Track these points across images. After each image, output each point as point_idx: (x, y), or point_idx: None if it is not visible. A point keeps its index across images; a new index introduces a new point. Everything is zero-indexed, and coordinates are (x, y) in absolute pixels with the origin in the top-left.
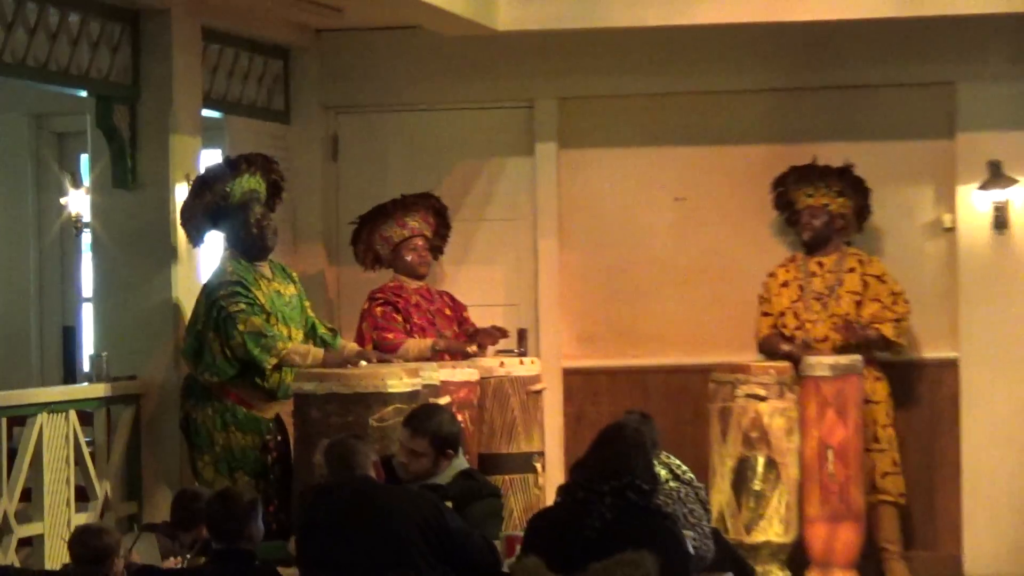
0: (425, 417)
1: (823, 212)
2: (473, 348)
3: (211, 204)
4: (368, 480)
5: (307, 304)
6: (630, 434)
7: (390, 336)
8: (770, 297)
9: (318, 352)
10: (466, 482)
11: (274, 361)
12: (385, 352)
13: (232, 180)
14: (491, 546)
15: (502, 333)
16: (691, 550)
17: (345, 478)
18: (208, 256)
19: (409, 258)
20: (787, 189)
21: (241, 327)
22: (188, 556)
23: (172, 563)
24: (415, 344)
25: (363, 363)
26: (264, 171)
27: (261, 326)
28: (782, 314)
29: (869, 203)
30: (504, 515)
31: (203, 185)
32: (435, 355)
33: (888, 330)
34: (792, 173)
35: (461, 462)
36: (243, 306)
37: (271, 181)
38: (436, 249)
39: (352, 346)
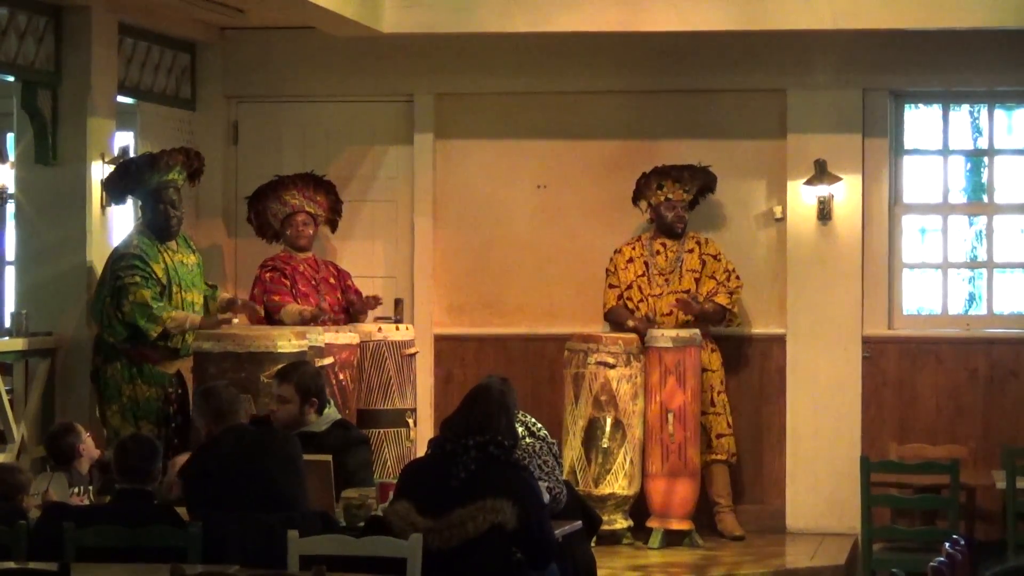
0: (292, 368)
1: (686, 205)
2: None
3: (129, 186)
4: (242, 428)
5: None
6: (495, 395)
7: (276, 298)
8: (616, 271)
9: (195, 318)
10: (340, 431)
11: (159, 330)
12: (272, 310)
13: (151, 173)
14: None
15: (377, 301)
16: (545, 498)
17: (224, 428)
18: (119, 226)
19: (289, 232)
20: (661, 182)
21: (131, 298)
22: (89, 492)
23: (76, 500)
24: (295, 307)
25: (234, 320)
26: (185, 164)
27: (148, 299)
28: (628, 287)
29: (710, 191)
30: (375, 462)
31: (125, 171)
32: (312, 320)
33: (722, 298)
34: (672, 170)
35: (334, 413)
36: (137, 279)
37: (192, 170)
38: (332, 223)
39: (224, 295)
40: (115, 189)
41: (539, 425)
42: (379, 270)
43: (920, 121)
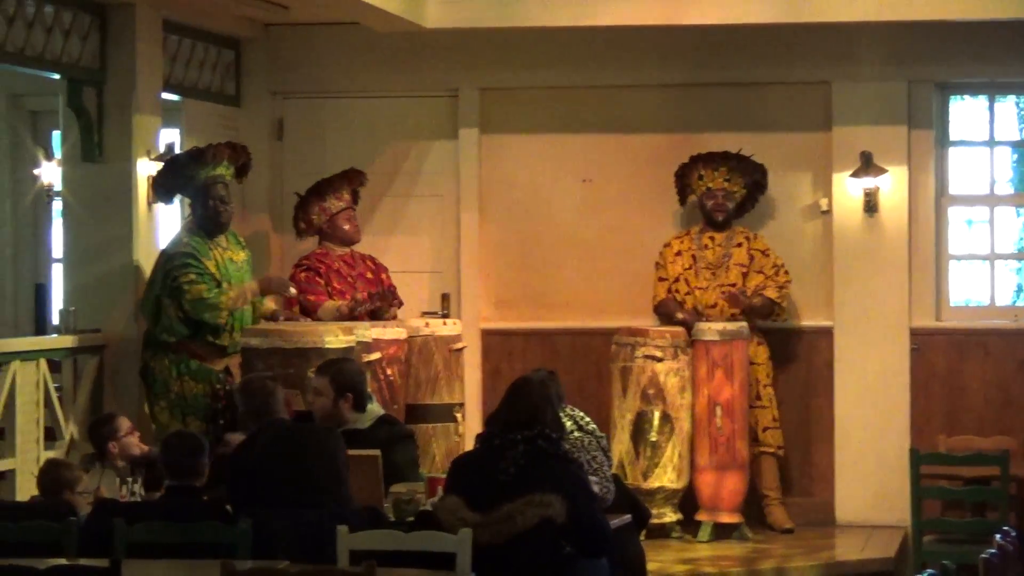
0: (330, 363)
1: (732, 197)
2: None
3: (177, 182)
4: (282, 423)
5: None
6: (537, 388)
7: (312, 298)
8: (665, 264)
9: (251, 285)
10: (385, 427)
11: (224, 314)
12: (308, 310)
13: (199, 167)
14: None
15: (388, 294)
16: (595, 491)
17: (265, 423)
18: (166, 222)
19: (347, 227)
20: (701, 172)
21: (188, 296)
22: (140, 490)
23: (123, 496)
24: (331, 304)
25: (292, 290)
26: (232, 159)
27: (203, 293)
28: (676, 280)
29: (758, 197)
30: (423, 457)
31: (173, 166)
32: (350, 313)
33: (772, 292)
34: (714, 158)
35: (377, 409)
36: (192, 276)
37: (239, 164)
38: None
39: (269, 305)
40: (164, 186)
41: (588, 419)
42: (425, 265)
43: (966, 112)
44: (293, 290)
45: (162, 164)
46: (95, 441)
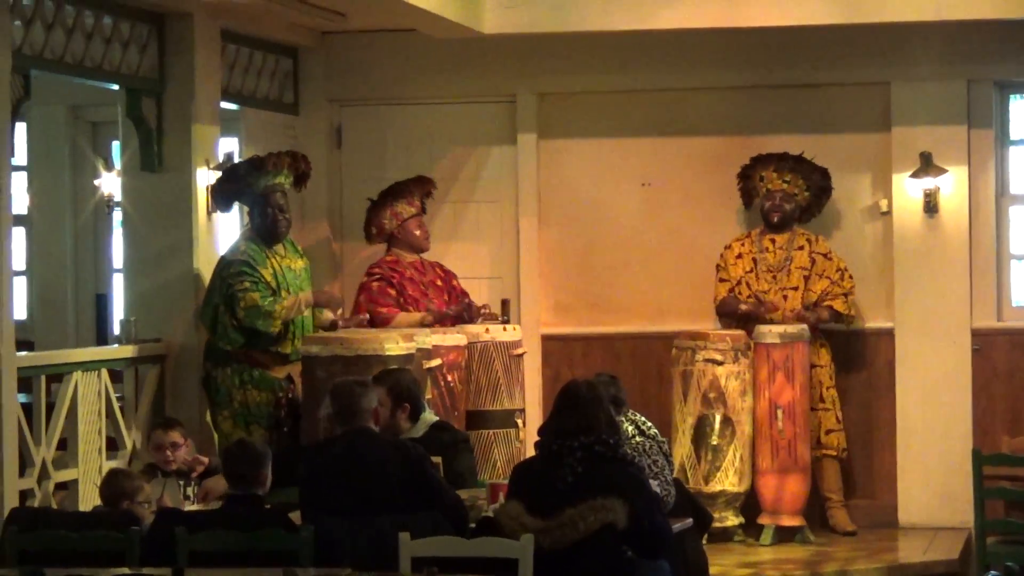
0: (387, 373)
1: (792, 199)
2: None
3: (236, 190)
4: (364, 431)
5: None
6: (585, 393)
7: (383, 310)
8: (727, 266)
9: (305, 295)
10: (440, 433)
11: (278, 323)
12: (380, 323)
13: (259, 176)
14: (461, 504)
15: (491, 317)
16: (656, 493)
17: (345, 430)
18: (225, 232)
19: (418, 232)
20: (762, 174)
21: (242, 304)
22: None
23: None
24: (405, 317)
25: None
26: (291, 167)
27: (257, 301)
28: (737, 282)
29: (824, 202)
30: (485, 463)
31: (233, 174)
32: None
33: (839, 304)
34: (774, 158)
35: (430, 417)
36: (247, 284)
37: (299, 173)
38: None
39: (327, 315)
40: (223, 193)
41: (649, 423)
42: (485, 271)
43: None
44: (340, 310)
45: (221, 173)
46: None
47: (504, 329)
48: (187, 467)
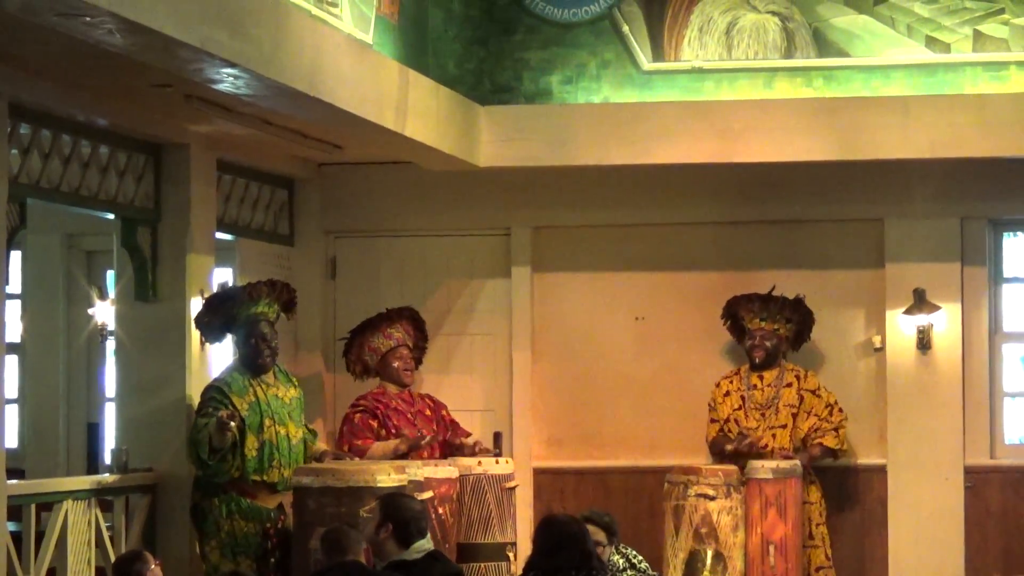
0: (390, 494)
1: (773, 336)
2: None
3: (220, 321)
4: (356, 564)
5: None
6: (571, 528)
7: (359, 443)
8: (716, 405)
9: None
10: (436, 564)
11: (204, 448)
12: (356, 454)
13: (238, 306)
14: None
15: (485, 451)
16: None
17: (337, 561)
18: (218, 361)
19: (396, 365)
20: (741, 314)
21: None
22: None
23: None
24: (380, 447)
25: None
26: (270, 295)
27: (196, 425)
28: (726, 420)
29: (810, 328)
30: None
31: (214, 304)
32: (399, 455)
33: (830, 440)
34: (747, 300)
35: (427, 544)
36: (209, 410)
37: (284, 301)
38: (417, 359)
39: (319, 446)
40: (207, 325)
41: (640, 557)
42: (477, 403)
43: (1019, 249)
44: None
45: (202, 305)
46: None
47: (496, 462)
48: None
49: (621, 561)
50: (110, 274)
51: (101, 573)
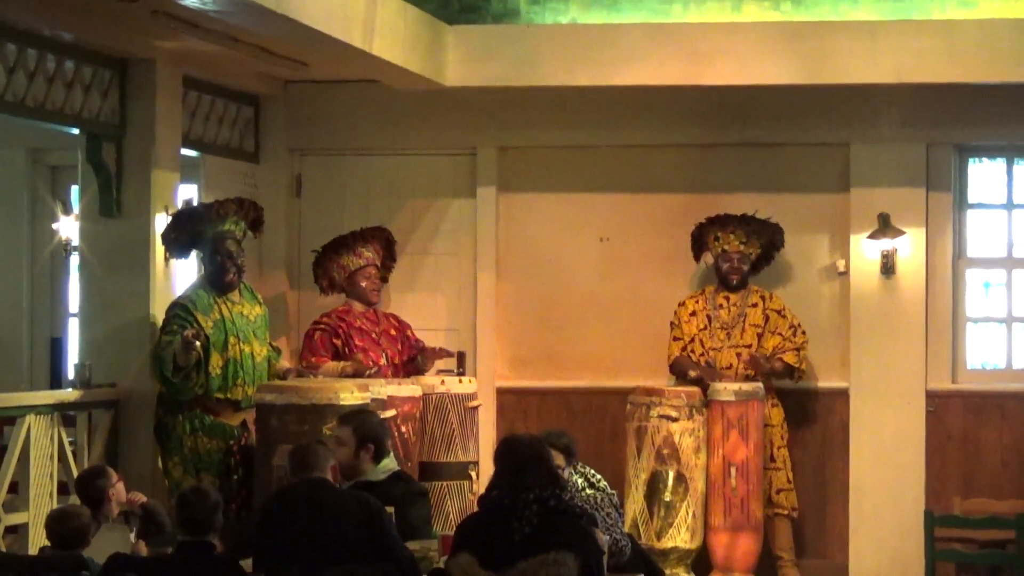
0: (354, 413)
1: (747, 259)
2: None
3: (185, 238)
4: (322, 482)
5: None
6: (533, 448)
7: (314, 359)
8: (680, 324)
9: (177, 343)
10: (400, 483)
11: (168, 366)
12: (309, 371)
13: (205, 223)
14: (415, 562)
15: (446, 353)
16: (604, 548)
17: (302, 478)
18: (183, 278)
19: (364, 284)
20: (717, 234)
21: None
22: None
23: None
24: (331, 366)
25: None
26: (238, 213)
27: (161, 342)
28: (691, 340)
29: (779, 245)
30: (438, 515)
31: (181, 220)
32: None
33: (790, 357)
34: (722, 221)
35: (392, 464)
36: (174, 327)
37: (251, 220)
38: (383, 279)
39: (282, 364)
40: (173, 241)
41: (599, 476)
42: (441, 323)
43: (984, 175)
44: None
45: (169, 220)
46: (91, 494)
47: (459, 381)
48: (128, 507)
49: (581, 481)
50: (75, 189)
51: (63, 487)
